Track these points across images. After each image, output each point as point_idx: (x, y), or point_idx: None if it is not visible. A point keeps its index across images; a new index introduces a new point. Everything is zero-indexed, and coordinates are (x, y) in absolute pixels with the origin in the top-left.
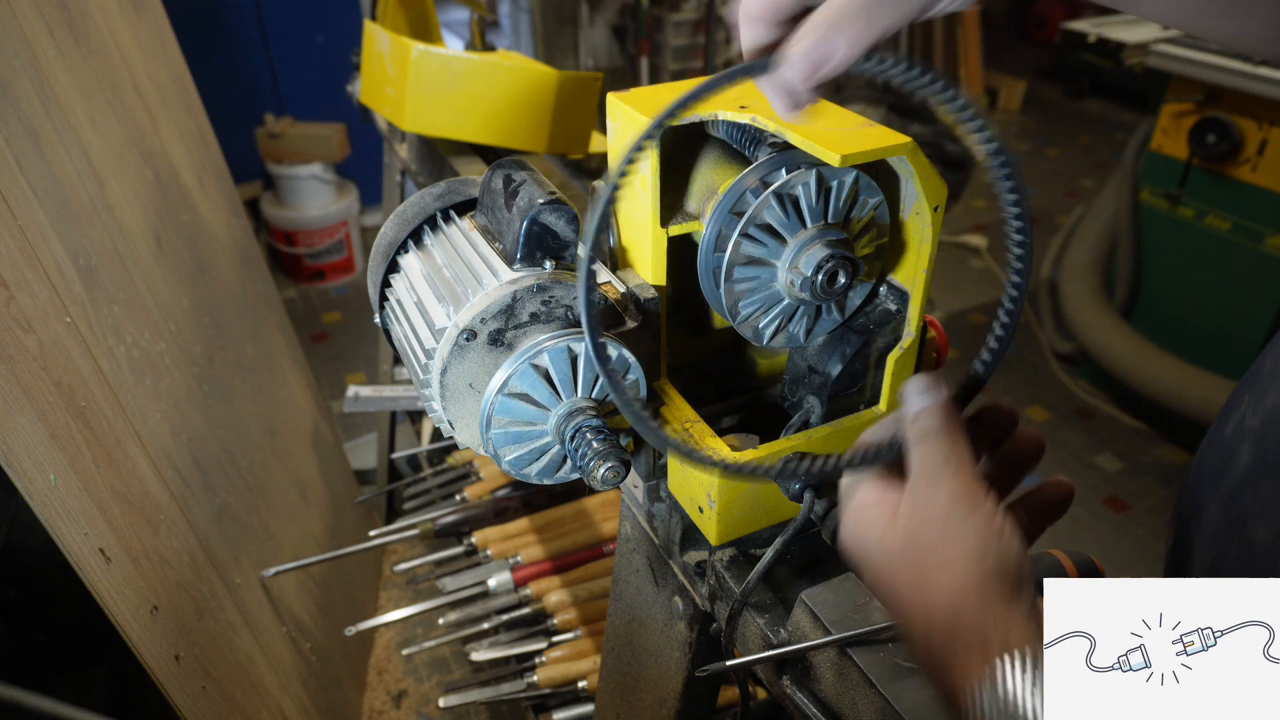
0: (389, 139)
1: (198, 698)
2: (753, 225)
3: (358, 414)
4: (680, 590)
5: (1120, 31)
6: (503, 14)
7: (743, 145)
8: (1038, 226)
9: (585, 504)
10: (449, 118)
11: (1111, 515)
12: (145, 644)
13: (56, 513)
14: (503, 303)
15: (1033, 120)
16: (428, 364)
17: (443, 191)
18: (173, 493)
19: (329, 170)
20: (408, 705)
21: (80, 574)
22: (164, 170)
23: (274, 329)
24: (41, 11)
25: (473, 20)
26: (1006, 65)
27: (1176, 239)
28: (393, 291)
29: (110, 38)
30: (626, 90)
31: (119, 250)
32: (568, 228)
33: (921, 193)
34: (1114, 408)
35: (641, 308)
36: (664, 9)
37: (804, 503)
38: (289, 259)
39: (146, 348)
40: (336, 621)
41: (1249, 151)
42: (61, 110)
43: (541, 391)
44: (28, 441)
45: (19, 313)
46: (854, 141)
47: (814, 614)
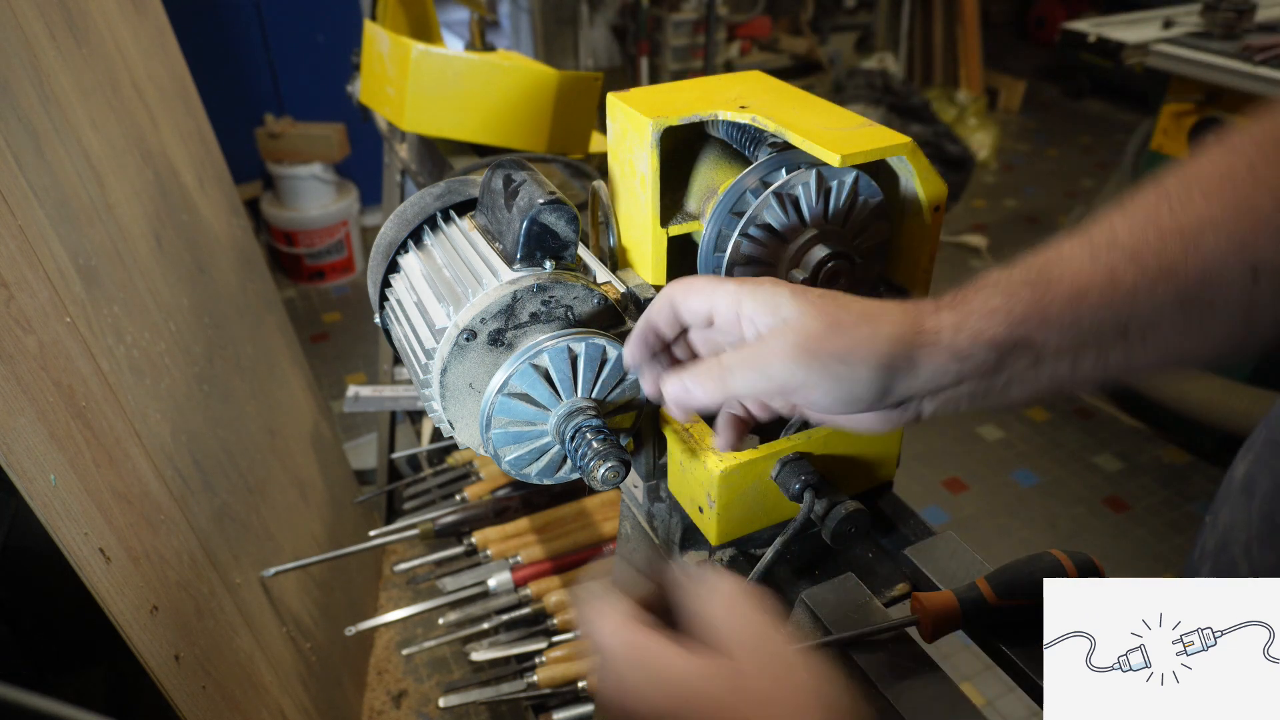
0: (389, 139)
1: (198, 698)
2: (753, 225)
3: (358, 414)
4: None
5: (1120, 31)
6: (503, 14)
7: (743, 145)
8: (1038, 226)
9: (585, 504)
10: (449, 118)
11: (1111, 515)
12: (145, 644)
13: (56, 513)
14: (503, 303)
15: (1033, 120)
16: (428, 364)
17: (443, 191)
18: (173, 493)
19: (329, 170)
20: (408, 705)
21: (80, 574)
22: (164, 170)
23: (274, 329)
24: (41, 11)
25: (473, 20)
26: (1006, 65)
27: None
28: (393, 291)
29: (110, 38)
30: (626, 90)
31: (119, 250)
32: (568, 228)
33: (921, 193)
34: (1114, 408)
35: (641, 308)
36: (664, 9)
37: (804, 503)
38: (289, 259)
39: (146, 348)
40: (336, 621)
41: None
42: (61, 110)
43: (541, 391)
44: (28, 441)
45: (19, 313)
46: (854, 141)
47: (814, 614)
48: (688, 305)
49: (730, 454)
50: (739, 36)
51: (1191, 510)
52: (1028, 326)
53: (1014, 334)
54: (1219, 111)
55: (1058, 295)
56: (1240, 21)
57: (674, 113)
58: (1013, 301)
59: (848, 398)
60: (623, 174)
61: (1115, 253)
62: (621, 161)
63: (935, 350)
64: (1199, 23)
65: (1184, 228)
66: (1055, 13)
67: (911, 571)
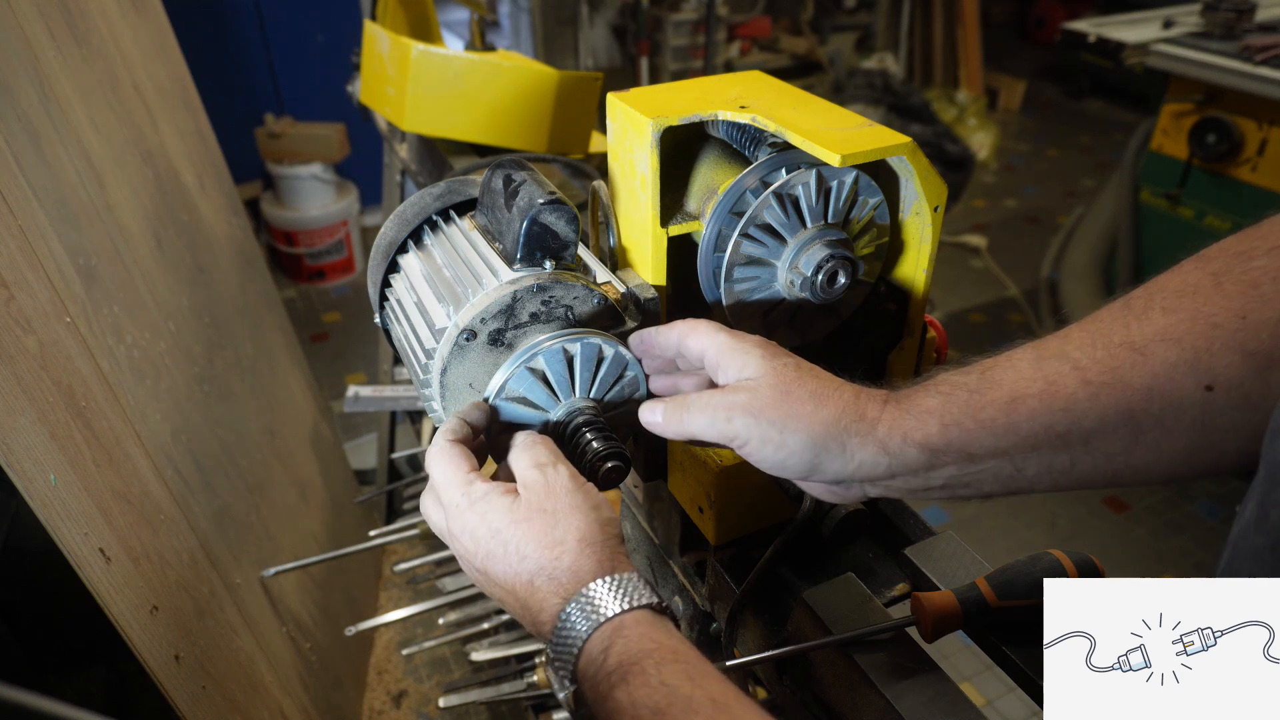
0: (389, 139)
1: (198, 698)
2: (753, 225)
3: (358, 414)
4: (680, 590)
5: (1120, 31)
6: (503, 14)
7: (743, 145)
8: (1038, 226)
9: None
10: (449, 118)
11: (1111, 515)
12: (145, 644)
13: (56, 513)
14: (503, 303)
15: (1033, 120)
16: (428, 364)
17: (443, 191)
18: (173, 493)
19: (329, 170)
20: (408, 705)
21: (80, 574)
22: (164, 170)
23: (274, 329)
24: (41, 11)
25: (473, 20)
26: (1006, 65)
27: (1176, 239)
28: (393, 291)
29: (110, 38)
30: (626, 90)
31: (119, 250)
32: (568, 228)
33: (921, 193)
34: None
35: (641, 308)
36: (664, 9)
37: (804, 503)
38: (289, 259)
39: (146, 348)
40: (336, 621)
41: (1249, 151)
42: (61, 110)
43: (539, 394)
44: (28, 441)
45: (19, 313)
46: (854, 141)
47: (814, 614)
48: (686, 345)
49: (730, 454)
50: (739, 36)
51: (1191, 510)
52: (961, 429)
53: (946, 435)
54: (1219, 111)
55: (993, 400)
56: (1240, 21)
57: (674, 113)
58: (948, 403)
59: (780, 463)
60: (623, 174)
61: (1060, 362)
62: (621, 161)
63: (867, 440)
64: (1199, 23)
65: (1135, 341)
66: (1055, 13)
67: (911, 571)
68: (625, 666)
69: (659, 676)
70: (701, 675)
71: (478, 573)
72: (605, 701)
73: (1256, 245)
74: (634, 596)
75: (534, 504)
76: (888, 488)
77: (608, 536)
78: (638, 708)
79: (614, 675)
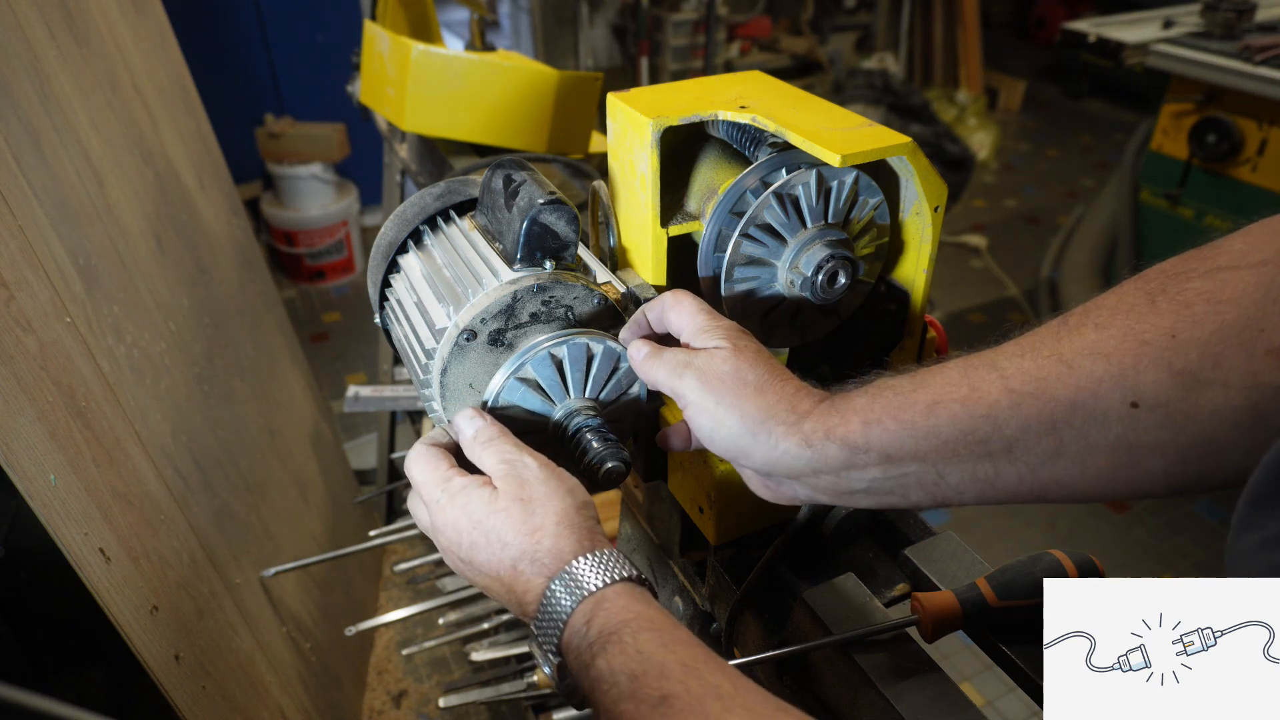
0: (389, 139)
1: (198, 698)
2: (753, 225)
3: (358, 414)
4: (680, 590)
5: (1120, 31)
6: (503, 14)
7: (743, 145)
8: (1038, 226)
9: None
10: (449, 118)
11: (1111, 515)
12: (145, 644)
13: (56, 513)
14: (503, 303)
15: (1033, 120)
16: (428, 364)
17: (443, 191)
18: (173, 493)
19: (329, 170)
20: (408, 705)
21: (80, 574)
22: (164, 170)
23: (274, 329)
24: (41, 11)
25: (473, 20)
26: (1006, 65)
27: (1176, 239)
28: (393, 291)
29: (110, 38)
30: (626, 90)
31: (119, 250)
32: (568, 228)
33: (921, 193)
34: None
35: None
36: (664, 9)
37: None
38: (289, 259)
39: (146, 348)
40: (336, 621)
41: (1249, 151)
42: (61, 110)
43: (534, 401)
44: (28, 441)
45: (19, 313)
46: (854, 141)
47: (814, 614)
48: (668, 319)
49: None
50: (739, 36)
51: (1191, 510)
52: (882, 428)
53: (866, 434)
54: (1219, 111)
55: (915, 401)
56: (1240, 21)
57: (674, 113)
58: (873, 403)
59: (710, 435)
60: (623, 174)
61: (987, 370)
62: (621, 161)
63: (791, 431)
64: (1199, 23)
65: (1063, 354)
66: (1055, 13)
67: (911, 571)
68: (605, 636)
69: (634, 644)
70: (674, 641)
71: (463, 563)
72: (588, 670)
73: (1194, 267)
74: (614, 571)
75: (510, 494)
76: (814, 486)
77: (585, 518)
78: (615, 674)
79: (595, 645)
